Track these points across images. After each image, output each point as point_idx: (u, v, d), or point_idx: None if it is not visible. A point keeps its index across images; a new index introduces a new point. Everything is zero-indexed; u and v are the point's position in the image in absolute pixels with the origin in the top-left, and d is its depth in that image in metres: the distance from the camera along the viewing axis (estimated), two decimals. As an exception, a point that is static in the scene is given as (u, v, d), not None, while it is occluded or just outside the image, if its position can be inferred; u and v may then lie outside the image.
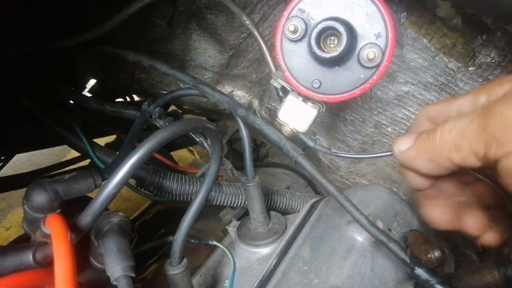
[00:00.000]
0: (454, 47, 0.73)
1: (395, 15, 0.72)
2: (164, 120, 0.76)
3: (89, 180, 0.62)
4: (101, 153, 0.80)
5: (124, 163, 0.43)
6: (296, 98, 0.61)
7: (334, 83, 0.56)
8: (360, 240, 0.65)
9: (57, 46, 0.74)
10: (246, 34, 0.89)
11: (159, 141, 0.45)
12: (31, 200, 0.51)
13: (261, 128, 0.66)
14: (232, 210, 0.85)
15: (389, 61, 0.53)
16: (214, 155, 0.57)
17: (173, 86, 1.04)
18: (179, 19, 0.88)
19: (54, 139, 0.94)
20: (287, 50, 0.57)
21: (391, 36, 0.52)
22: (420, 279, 0.53)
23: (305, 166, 0.62)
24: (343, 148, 0.95)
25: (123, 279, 0.47)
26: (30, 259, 0.45)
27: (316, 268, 0.62)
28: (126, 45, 0.77)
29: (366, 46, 0.53)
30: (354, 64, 0.55)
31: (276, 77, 0.61)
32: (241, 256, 0.71)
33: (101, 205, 0.44)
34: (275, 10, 0.83)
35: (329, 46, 0.55)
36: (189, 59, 0.97)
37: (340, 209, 0.61)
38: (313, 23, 0.55)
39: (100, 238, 0.51)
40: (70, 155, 1.77)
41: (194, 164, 2.36)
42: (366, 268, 0.61)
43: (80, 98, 0.84)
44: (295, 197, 0.89)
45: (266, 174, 1.24)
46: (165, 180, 0.77)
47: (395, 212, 0.72)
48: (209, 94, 0.71)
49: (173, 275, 0.57)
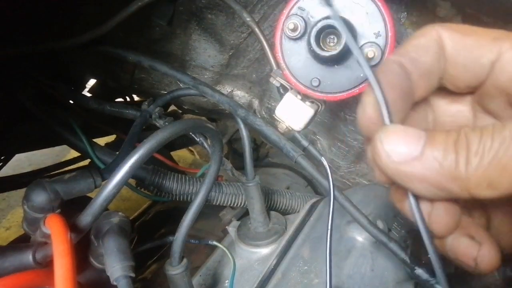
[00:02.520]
0: (454, 46, 0.73)
1: (395, 15, 0.72)
2: (164, 120, 0.76)
3: (89, 180, 0.62)
4: (101, 153, 0.80)
5: (124, 163, 0.43)
6: (294, 96, 0.61)
7: (334, 81, 0.56)
8: (360, 240, 0.65)
9: (57, 46, 0.74)
10: (246, 34, 0.89)
11: (159, 141, 0.45)
12: (31, 200, 0.51)
13: (261, 128, 0.66)
14: (232, 210, 0.85)
15: (389, 60, 0.53)
16: (214, 155, 0.57)
17: (173, 86, 1.04)
18: (179, 19, 0.88)
19: (54, 139, 0.94)
20: (287, 48, 0.57)
21: (390, 35, 0.52)
22: (420, 279, 0.53)
23: (305, 166, 0.62)
24: (343, 148, 0.95)
25: (123, 279, 0.47)
26: (30, 259, 0.45)
27: (316, 268, 0.62)
28: (126, 45, 0.77)
29: (366, 45, 0.53)
30: (353, 63, 0.55)
31: (275, 75, 0.61)
32: (241, 256, 0.71)
33: (101, 205, 0.44)
34: (275, 10, 0.83)
35: (328, 45, 0.55)
36: (189, 59, 0.97)
37: (340, 209, 0.61)
38: (313, 21, 0.55)
39: (100, 238, 0.51)
40: (70, 155, 1.77)
41: (194, 164, 2.36)
42: (366, 268, 0.61)
43: (80, 98, 0.84)
44: (295, 197, 0.89)
45: (266, 174, 1.24)
46: (165, 180, 0.77)
47: (395, 212, 0.72)
48: (209, 94, 0.71)
49: (173, 275, 0.57)
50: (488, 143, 0.29)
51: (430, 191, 0.32)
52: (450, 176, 0.30)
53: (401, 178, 0.33)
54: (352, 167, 0.99)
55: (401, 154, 0.32)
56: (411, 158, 0.31)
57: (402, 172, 0.32)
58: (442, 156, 0.31)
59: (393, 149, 0.32)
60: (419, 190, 0.33)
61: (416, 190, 0.33)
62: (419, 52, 0.37)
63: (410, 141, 0.32)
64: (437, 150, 0.31)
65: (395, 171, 0.32)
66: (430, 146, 0.31)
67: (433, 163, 0.31)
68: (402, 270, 0.62)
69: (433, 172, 0.31)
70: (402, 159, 0.32)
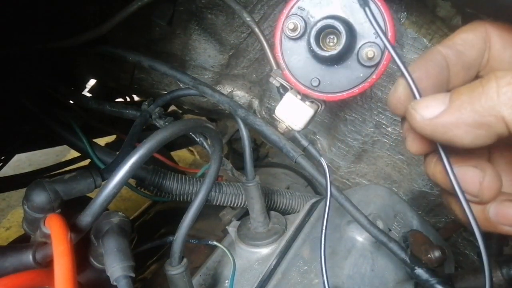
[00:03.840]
0: (454, 46, 0.73)
1: (395, 15, 0.72)
2: (164, 120, 0.76)
3: (89, 180, 0.62)
4: (101, 153, 0.80)
5: (124, 163, 0.43)
6: (294, 96, 0.61)
7: (333, 81, 0.56)
8: (360, 240, 0.65)
9: (57, 46, 0.74)
10: (246, 34, 0.89)
11: (159, 141, 0.45)
12: (31, 200, 0.51)
13: (261, 128, 0.66)
14: (232, 210, 0.85)
15: (388, 60, 0.53)
16: (214, 155, 0.57)
17: (173, 86, 1.04)
18: (179, 19, 0.88)
19: (54, 139, 0.94)
20: (287, 48, 0.57)
21: (390, 35, 0.52)
22: (420, 279, 0.53)
23: (305, 166, 0.62)
24: (343, 148, 0.95)
25: (123, 279, 0.47)
26: (30, 259, 0.45)
27: (316, 268, 0.63)
28: (126, 45, 0.77)
29: (366, 45, 0.53)
30: (353, 63, 0.55)
31: (275, 75, 0.61)
32: (241, 256, 0.71)
33: (101, 205, 0.44)
34: (275, 10, 0.83)
35: (328, 45, 0.55)
36: (189, 59, 0.97)
37: (340, 209, 0.61)
38: (313, 21, 0.55)
39: (100, 238, 0.51)
40: (70, 155, 1.78)
41: (194, 164, 2.36)
42: (366, 268, 0.62)
43: (80, 98, 0.84)
44: (295, 197, 0.89)
45: (266, 174, 1.24)
46: (165, 180, 0.77)
47: (395, 212, 0.72)
48: (209, 94, 0.71)
49: (173, 275, 0.57)
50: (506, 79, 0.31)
51: (470, 133, 0.33)
52: (483, 109, 0.32)
53: (439, 131, 0.35)
54: (352, 167, 0.99)
55: (434, 108, 0.35)
56: (441, 111, 0.34)
57: (439, 124, 0.35)
58: (471, 98, 0.33)
59: (425, 108, 0.35)
60: (460, 137, 0.34)
61: (456, 137, 0.34)
62: (466, 46, 0.40)
63: (438, 97, 0.35)
64: (464, 95, 0.34)
65: (432, 126, 0.35)
66: (456, 97, 0.34)
67: (463, 106, 0.33)
68: (402, 270, 0.62)
69: (466, 114, 0.33)
70: (436, 112, 0.35)
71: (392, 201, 0.75)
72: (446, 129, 0.34)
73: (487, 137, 0.33)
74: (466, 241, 0.96)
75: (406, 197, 0.95)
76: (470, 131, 0.33)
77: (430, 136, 0.36)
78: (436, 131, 0.35)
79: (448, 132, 0.34)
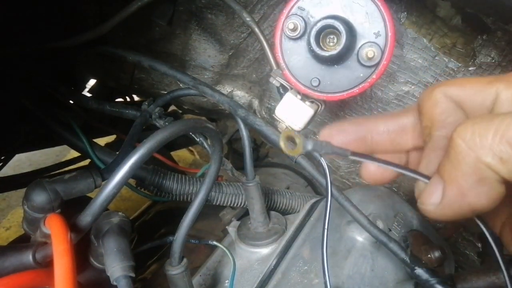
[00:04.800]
0: (454, 47, 0.73)
1: (395, 15, 0.72)
2: (164, 120, 0.76)
3: (89, 180, 0.62)
4: (101, 153, 0.80)
5: (124, 163, 0.43)
6: (294, 96, 0.61)
7: (333, 81, 0.56)
8: (360, 240, 0.65)
9: (57, 46, 0.74)
10: (246, 34, 0.89)
11: (159, 141, 0.45)
12: (31, 200, 0.51)
13: (261, 128, 0.66)
14: (232, 210, 0.85)
15: (388, 60, 0.53)
16: (214, 155, 0.57)
17: (173, 86, 1.04)
18: (179, 19, 0.88)
19: (54, 139, 0.94)
20: (287, 48, 0.57)
21: (390, 35, 0.52)
22: (420, 279, 0.53)
23: (305, 166, 0.62)
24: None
25: (123, 279, 0.47)
26: (30, 259, 0.45)
27: (316, 268, 0.62)
28: (126, 45, 0.77)
29: (366, 45, 0.53)
30: (353, 63, 0.55)
31: (275, 75, 0.61)
32: (241, 256, 0.71)
33: (101, 205, 0.44)
34: (275, 10, 0.83)
35: (328, 45, 0.55)
36: (189, 59, 0.97)
37: (340, 209, 0.61)
38: (313, 21, 0.55)
39: (100, 238, 0.51)
40: (70, 155, 1.77)
41: (194, 164, 2.36)
42: (366, 268, 0.61)
43: (80, 98, 0.84)
44: (295, 197, 0.89)
45: (266, 174, 1.24)
46: (165, 180, 0.77)
47: (395, 212, 0.72)
48: (209, 94, 0.71)
49: (173, 275, 0.57)
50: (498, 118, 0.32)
51: (478, 192, 0.33)
52: (471, 168, 0.32)
53: (458, 210, 0.35)
54: (352, 167, 0.99)
55: (433, 199, 0.36)
56: (441, 188, 0.35)
57: (452, 203, 0.35)
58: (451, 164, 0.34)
59: (429, 201, 0.36)
60: (474, 201, 0.34)
61: (473, 204, 0.34)
62: (444, 118, 0.40)
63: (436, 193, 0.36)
64: (447, 165, 0.35)
65: (446, 211, 0.36)
66: (442, 170, 0.35)
67: (452, 174, 0.34)
68: (402, 270, 0.62)
69: (460, 179, 0.33)
70: (436, 202, 0.36)
71: (392, 201, 0.75)
72: (460, 203, 0.34)
73: (495, 189, 0.33)
74: (466, 241, 0.96)
75: (406, 197, 0.95)
76: (477, 191, 0.33)
77: (454, 217, 0.36)
78: (456, 210, 0.35)
79: (467, 206, 0.34)
